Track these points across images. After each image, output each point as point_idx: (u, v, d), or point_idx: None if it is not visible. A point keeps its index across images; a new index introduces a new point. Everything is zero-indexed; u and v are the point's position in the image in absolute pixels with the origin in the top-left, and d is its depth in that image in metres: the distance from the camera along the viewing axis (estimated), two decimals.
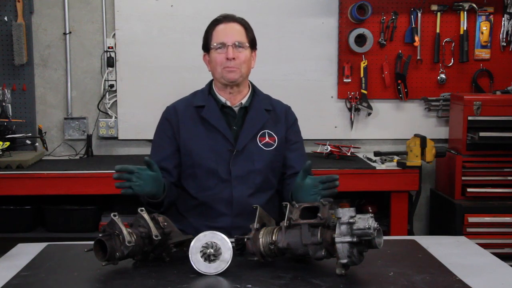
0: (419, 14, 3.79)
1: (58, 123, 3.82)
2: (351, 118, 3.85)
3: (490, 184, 3.47)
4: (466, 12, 3.78)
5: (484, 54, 3.85)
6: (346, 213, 1.60)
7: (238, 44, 2.13)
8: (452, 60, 3.83)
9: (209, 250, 1.67)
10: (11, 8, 3.67)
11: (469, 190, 3.43)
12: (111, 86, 3.79)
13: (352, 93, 3.82)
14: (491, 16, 3.81)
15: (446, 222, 3.55)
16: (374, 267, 1.71)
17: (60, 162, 3.55)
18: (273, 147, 2.19)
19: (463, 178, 3.46)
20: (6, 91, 3.54)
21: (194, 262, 1.67)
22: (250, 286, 1.58)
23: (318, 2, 3.77)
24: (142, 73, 3.77)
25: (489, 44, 3.84)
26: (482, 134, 3.38)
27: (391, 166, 3.43)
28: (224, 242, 1.68)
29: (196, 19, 3.69)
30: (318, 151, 3.63)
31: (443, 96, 3.82)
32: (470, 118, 3.43)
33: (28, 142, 3.68)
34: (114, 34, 3.76)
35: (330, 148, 3.59)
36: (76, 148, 3.81)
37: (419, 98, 3.87)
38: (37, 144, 3.72)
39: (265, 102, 2.24)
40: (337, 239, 1.59)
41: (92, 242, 1.71)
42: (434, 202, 3.84)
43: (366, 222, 1.58)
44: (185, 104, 2.24)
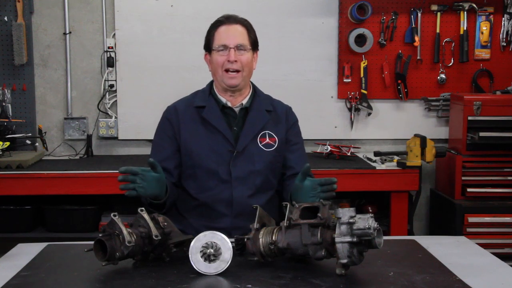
0: (419, 14, 3.79)
1: (58, 123, 3.82)
2: (351, 118, 3.85)
3: (490, 184, 3.47)
4: (466, 12, 3.78)
5: (484, 54, 3.85)
6: (346, 213, 1.60)
7: (240, 46, 2.13)
8: (452, 60, 3.83)
9: (209, 250, 1.66)
10: (11, 8, 3.66)
11: (469, 190, 3.44)
12: (111, 86, 3.79)
13: (352, 93, 3.82)
14: (491, 16, 3.81)
15: (446, 222, 3.55)
16: (374, 267, 1.71)
17: (60, 162, 3.55)
18: (273, 148, 2.19)
19: (463, 178, 3.47)
20: (6, 91, 3.54)
21: (194, 262, 1.67)
22: (250, 286, 1.58)
23: (318, 2, 3.77)
24: (142, 73, 3.77)
25: (489, 44, 3.84)
26: (482, 134, 3.38)
27: (391, 166, 3.43)
28: (224, 242, 1.68)
29: (196, 19, 3.69)
30: (318, 151, 3.63)
31: (443, 96, 3.82)
32: (470, 118, 3.43)
33: (28, 142, 3.68)
34: (114, 34, 3.76)
35: (330, 148, 3.59)
36: (76, 148, 3.81)
37: (419, 98, 3.87)
38: (37, 144, 3.72)
39: (265, 102, 2.24)
40: (337, 239, 1.59)
41: (92, 242, 1.71)
42: (434, 202, 3.84)
43: (366, 222, 1.58)
44: (185, 104, 2.23)
